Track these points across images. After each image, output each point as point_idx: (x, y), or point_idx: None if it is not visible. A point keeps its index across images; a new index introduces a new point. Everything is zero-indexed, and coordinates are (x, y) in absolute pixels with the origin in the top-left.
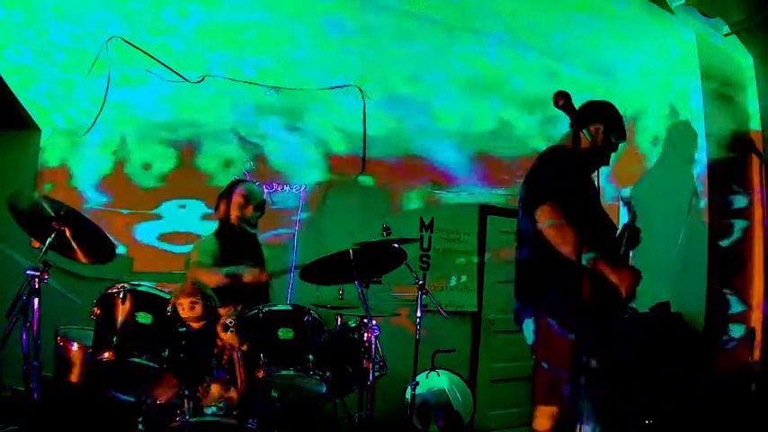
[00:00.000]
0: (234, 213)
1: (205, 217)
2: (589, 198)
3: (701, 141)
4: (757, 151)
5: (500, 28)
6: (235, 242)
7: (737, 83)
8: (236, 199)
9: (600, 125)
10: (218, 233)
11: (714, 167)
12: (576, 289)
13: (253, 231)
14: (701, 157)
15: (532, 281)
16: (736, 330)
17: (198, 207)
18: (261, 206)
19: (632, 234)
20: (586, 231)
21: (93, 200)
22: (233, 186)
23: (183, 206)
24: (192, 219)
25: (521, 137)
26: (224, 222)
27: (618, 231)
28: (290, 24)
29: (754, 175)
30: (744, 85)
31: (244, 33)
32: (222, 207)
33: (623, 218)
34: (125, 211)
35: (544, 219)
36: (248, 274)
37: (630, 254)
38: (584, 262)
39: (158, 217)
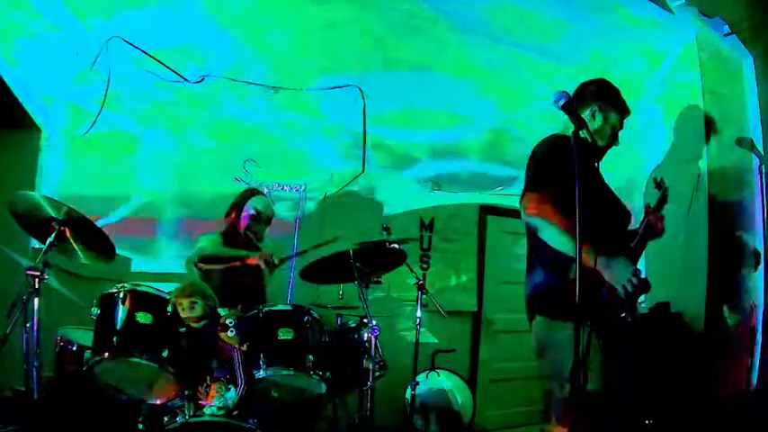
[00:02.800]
0: (243, 223)
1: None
2: (594, 187)
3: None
4: (757, 151)
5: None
6: (238, 246)
7: (737, 83)
8: (249, 211)
9: (595, 105)
10: (224, 234)
11: (714, 167)
12: (568, 288)
13: (259, 245)
14: (704, 154)
15: (532, 279)
16: (736, 330)
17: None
18: (270, 220)
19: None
20: (587, 225)
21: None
22: (247, 197)
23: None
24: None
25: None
26: (232, 228)
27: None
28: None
29: (753, 175)
30: (744, 85)
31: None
32: (233, 214)
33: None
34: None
35: (530, 210)
36: (251, 258)
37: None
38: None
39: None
